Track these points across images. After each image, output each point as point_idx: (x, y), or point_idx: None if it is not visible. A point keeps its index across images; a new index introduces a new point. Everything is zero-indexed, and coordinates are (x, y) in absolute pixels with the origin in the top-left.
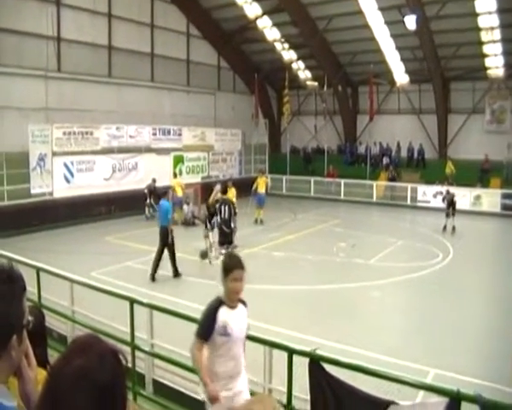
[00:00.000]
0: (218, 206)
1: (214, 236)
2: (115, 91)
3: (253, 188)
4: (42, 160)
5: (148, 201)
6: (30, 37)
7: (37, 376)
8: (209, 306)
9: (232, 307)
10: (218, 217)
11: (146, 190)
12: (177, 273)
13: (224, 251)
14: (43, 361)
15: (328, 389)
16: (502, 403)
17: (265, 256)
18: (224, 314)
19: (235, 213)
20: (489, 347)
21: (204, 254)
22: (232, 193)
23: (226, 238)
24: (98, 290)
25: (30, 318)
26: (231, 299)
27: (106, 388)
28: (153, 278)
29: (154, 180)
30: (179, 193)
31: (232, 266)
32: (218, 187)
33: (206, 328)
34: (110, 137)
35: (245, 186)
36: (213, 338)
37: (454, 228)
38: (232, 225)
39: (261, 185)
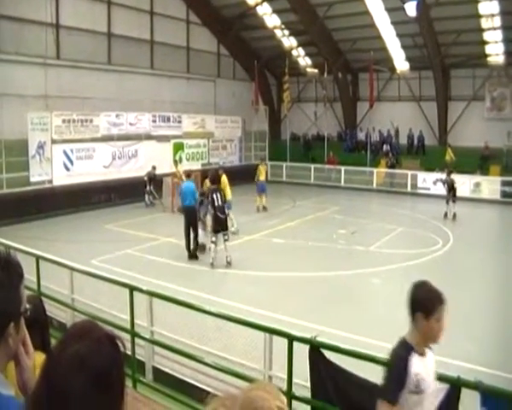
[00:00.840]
0: (209, 194)
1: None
2: (115, 79)
3: (256, 176)
4: (41, 147)
5: (147, 188)
6: (29, 24)
7: (37, 360)
8: (396, 355)
9: (422, 353)
10: (210, 205)
11: (146, 178)
12: (192, 255)
13: (216, 238)
14: (44, 349)
15: (328, 376)
16: (502, 389)
17: (265, 243)
18: (416, 365)
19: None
20: (492, 334)
21: (202, 247)
22: (224, 181)
23: (221, 225)
24: (98, 278)
25: (27, 305)
26: (431, 342)
27: (103, 373)
28: (191, 256)
29: (154, 168)
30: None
31: (436, 303)
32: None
33: (396, 386)
34: (110, 124)
35: (245, 173)
36: (402, 398)
37: (455, 215)
38: (226, 211)
39: (262, 173)
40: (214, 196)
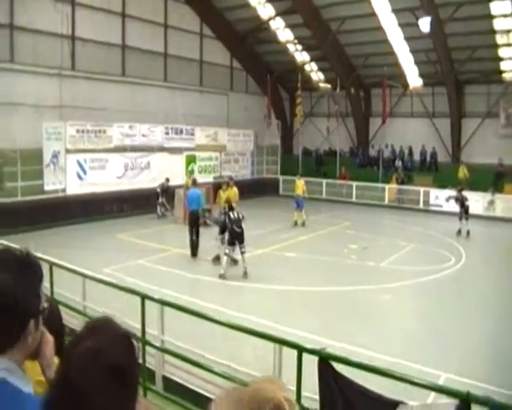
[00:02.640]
0: (225, 211)
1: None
2: (129, 90)
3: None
4: (55, 157)
5: (160, 200)
6: (45, 35)
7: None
8: None
9: None
10: (227, 218)
11: (158, 189)
12: (195, 254)
13: (230, 251)
14: (60, 355)
15: (337, 388)
16: (511, 406)
17: (277, 257)
18: None
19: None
20: (502, 353)
21: (216, 259)
22: (234, 192)
23: (237, 238)
24: (110, 286)
25: (45, 305)
26: None
27: (117, 369)
28: (193, 255)
29: (167, 179)
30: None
31: None
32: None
33: None
34: (123, 135)
35: (256, 187)
36: None
37: (468, 232)
38: (243, 225)
39: (299, 188)
40: (230, 212)
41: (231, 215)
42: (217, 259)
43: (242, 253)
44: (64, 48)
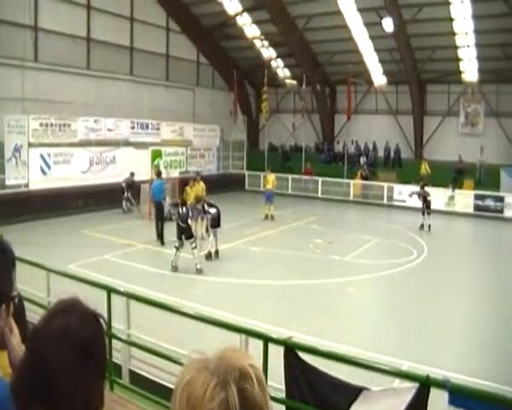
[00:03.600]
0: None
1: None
2: (94, 84)
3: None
4: (17, 151)
5: (125, 194)
6: (6, 25)
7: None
8: None
9: None
10: (176, 213)
11: (124, 184)
12: (162, 242)
13: (179, 245)
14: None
15: (303, 376)
16: (468, 387)
17: (243, 251)
18: None
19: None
20: (460, 341)
21: (209, 255)
22: (201, 187)
23: (182, 233)
24: (75, 280)
25: (15, 292)
26: None
27: (86, 346)
28: (162, 243)
29: (132, 174)
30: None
31: None
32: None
33: None
34: (88, 129)
35: (222, 182)
36: None
37: (429, 227)
38: (189, 221)
39: (269, 182)
40: (180, 207)
41: (179, 210)
42: (209, 256)
43: (192, 248)
44: (27, 38)
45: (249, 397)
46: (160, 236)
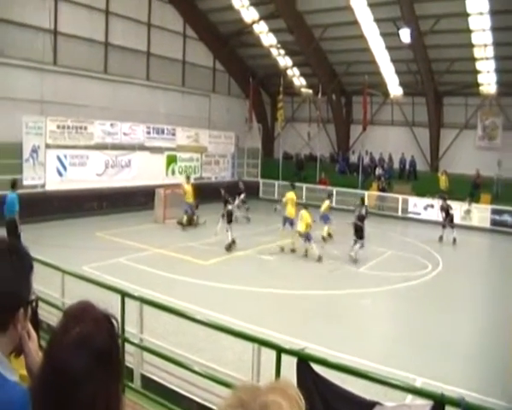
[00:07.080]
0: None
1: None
2: (110, 88)
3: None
4: (35, 151)
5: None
6: (27, 28)
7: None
8: None
9: None
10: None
11: None
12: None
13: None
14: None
15: (315, 389)
16: (483, 407)
17: (256, 259)
18: None
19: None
20: (476, 358)
21: (228, 247)
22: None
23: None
24: (90, 282)
25: (33, 296)
26: None
27: (104, 351)
28: None
29: None
30: (190, 200)
31: None
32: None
33: None
34: (104, 133)
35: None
36: None
37: (454, 240)
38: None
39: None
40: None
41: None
42: (229, 246)
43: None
44: (46, 42)
45: None
46: None
